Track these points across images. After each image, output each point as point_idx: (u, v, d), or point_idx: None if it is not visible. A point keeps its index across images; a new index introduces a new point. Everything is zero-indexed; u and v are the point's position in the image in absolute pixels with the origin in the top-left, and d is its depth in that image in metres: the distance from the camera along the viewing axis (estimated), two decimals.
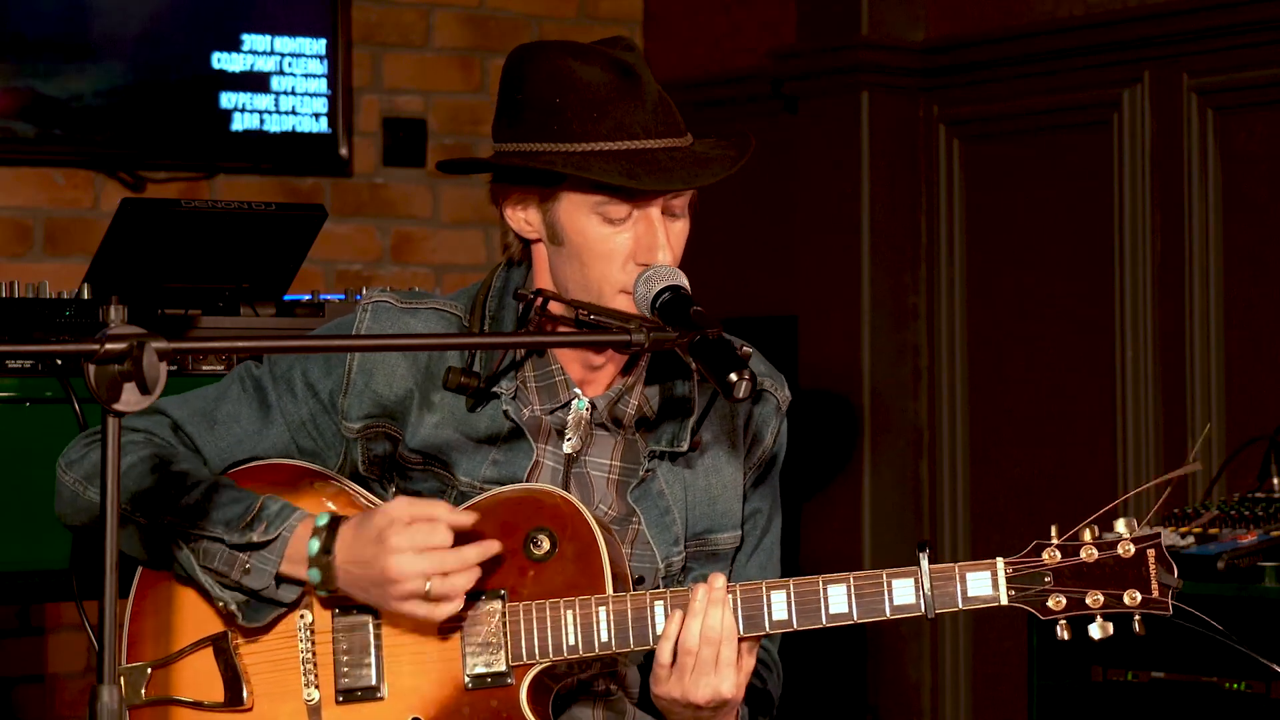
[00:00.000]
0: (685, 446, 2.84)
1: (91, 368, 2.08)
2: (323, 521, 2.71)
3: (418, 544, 2.65)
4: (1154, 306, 4.94)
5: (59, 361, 3.29)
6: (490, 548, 2.68)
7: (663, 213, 2.74)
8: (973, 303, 5.34)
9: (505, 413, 2.79)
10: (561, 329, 2.78)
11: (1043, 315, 5.18)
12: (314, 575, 2.70)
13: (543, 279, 2.81)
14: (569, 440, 2.82)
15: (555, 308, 2.77)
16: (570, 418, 2.81)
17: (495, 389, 2.79)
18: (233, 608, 2.74)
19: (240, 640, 2.79)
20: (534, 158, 2.72)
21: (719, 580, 2.66)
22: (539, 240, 2.80)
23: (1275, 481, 4.06)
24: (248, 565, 2.71)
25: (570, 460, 2.82)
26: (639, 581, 2.83)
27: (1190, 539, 3.78)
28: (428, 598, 2.65)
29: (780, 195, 5.58)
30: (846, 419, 5.37)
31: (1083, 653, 3.87)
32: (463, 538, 2.67)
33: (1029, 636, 3.94)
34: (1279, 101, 4.76)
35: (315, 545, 2.70)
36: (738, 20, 5.84)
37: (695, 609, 2.64)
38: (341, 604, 2.77)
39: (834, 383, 5.40)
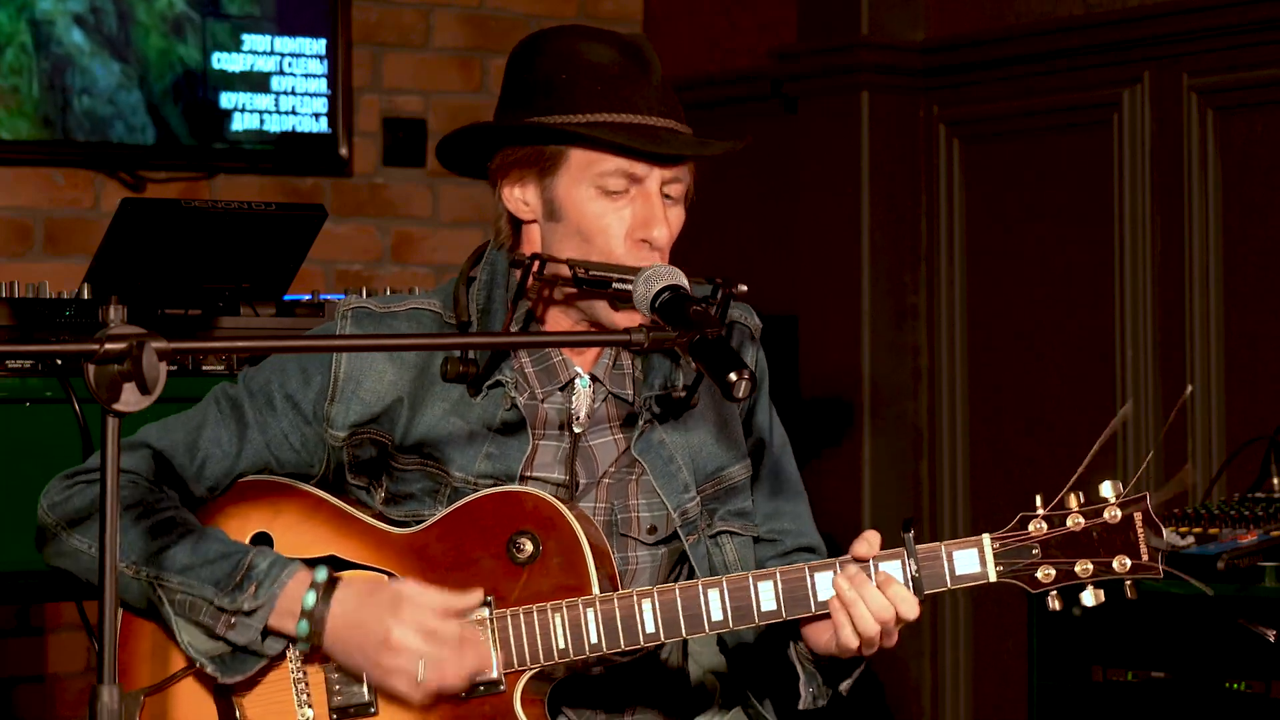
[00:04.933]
0: (683, 392, 2.84)
1: (91, 368, 2.08)
2: (321, 577, 2.69)
3: (426, 626, 2.66)
4: (1154, 306, 4.94)
5: (59, 361, 3.29)
6: (484, 654, 2.67)
7: (661, 194, 2.75)
8: (973, 303, 5.34)
9: (512, 399, 2.78)
10: (560, 290, 2.78)
11: (1043, 315, 5.18)
12: (302, 628, 2.68)
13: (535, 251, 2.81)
14: (577, 421, 2.81)
15: (551, 270, 2.77)
16: (575, 400, 2.81)
17: (499, 377, 2.79)
18: (210, 669, 2.72)
19: None
20: (537, 129, 2.73)
21: (842, 584, 2.67)
22: (533, 221, 2.80)
23: (1275, 481, 4.06)
24: (233, 620, 2.69)
25: (575, 438, 2.82)
26: (651, 530, 2.83)
27: (1190, 539, 3.78)
28: (415, 679, 2.65)
29: (780, 195, 5.58)
30: (846, 419, 5.37)
31: (1083, 653, 3.88)
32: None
33: (1029, 636, 3.94)
34: (1279, 101, 4.76)
35: (311, 598, 2.68)
36: (738, 20, 5.84)
37: (873, 592, 2.66)
38: None
39: (834, 383, 5.40)
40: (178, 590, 2.71)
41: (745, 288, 2.73)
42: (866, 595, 2.65)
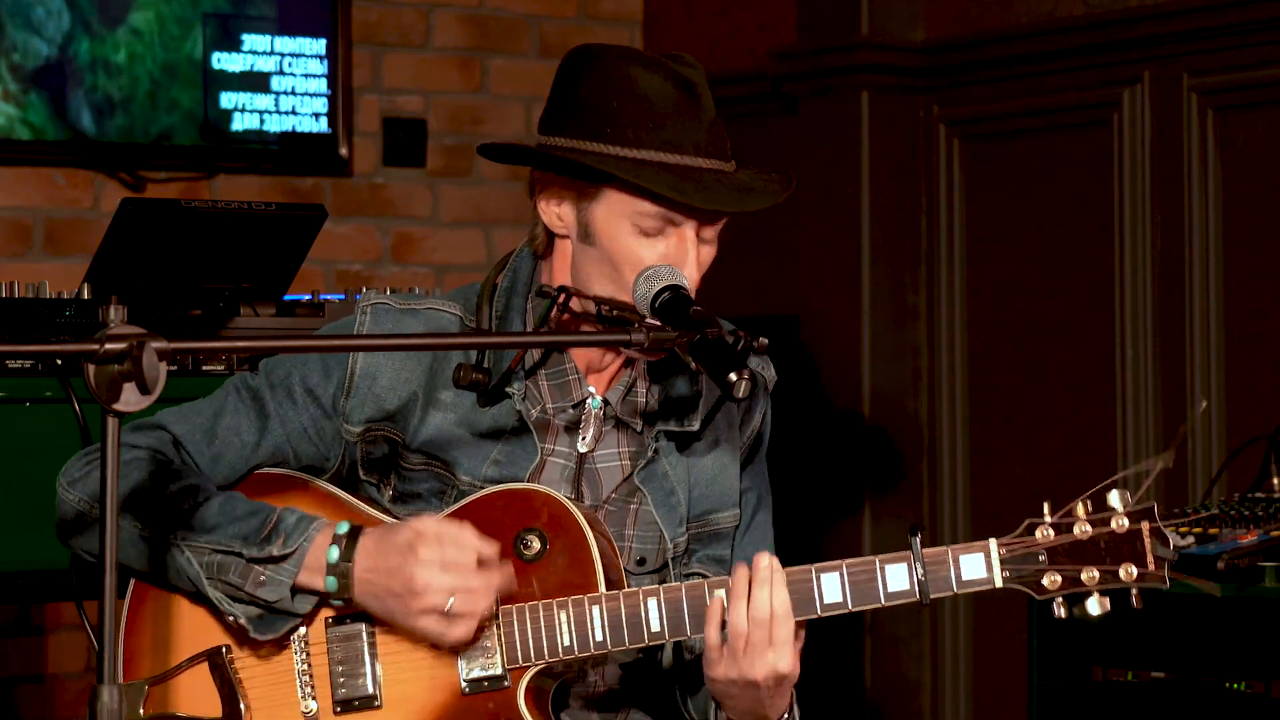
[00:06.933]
0: (696, 426, 2.84)
1: (91, 368, 2.08)
2: (343, 530, 2.70)
3: (446, 559, 2.65)
4: (1154, 306, 4.94)
5: (59, 361, 3.29)
6: (509, 574, 2.68)
7: (697, 235, 2.74)
8: (973, 303, 5.34)
9: (519, 413, 2.79)
10: (584, 326, 2.78)
11: (1043, 315, 5.18)
12: (330, 583, 2.69)
13: (563, 274, 2.81)
14: (584, 440, 2.82)
15: (576, 304, 2.77)
16: (584, 418, 2.82)
17: (508, 389, 2.79)
18: (243, 621, 2.72)
19: (236, 654, 2.78)
20: (583, 155, 2.72)
21: (763, 560, 2.64)
22: (566, 236, 2.80)
23: (1275, 481, 4.06)
24: (262, 578, 2.69)
25: (582, 457, 2.82)
26: (640, 562, 2.83)
27: (1190, 539, 3.78)
28: (446, 615, 2.65)
29: None
30: (846, 419, 5.37)
31: (1083, 653, 3.88)
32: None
33: (1029, 637, 3.94)
34: (1279, 101, 4.76)
35: (335, 553, 2.69)
36: (737, 21, 5.84)
37: (739, 590, 2.63)
38: (335, 614, 2.76)
39: (834, 383, 5.40)
40: (207, 550, 2.72)
41: (766, 340, 2.72)
42: (756, 594, 2.62)
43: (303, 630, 2.76)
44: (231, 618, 2.73)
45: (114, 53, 5.24)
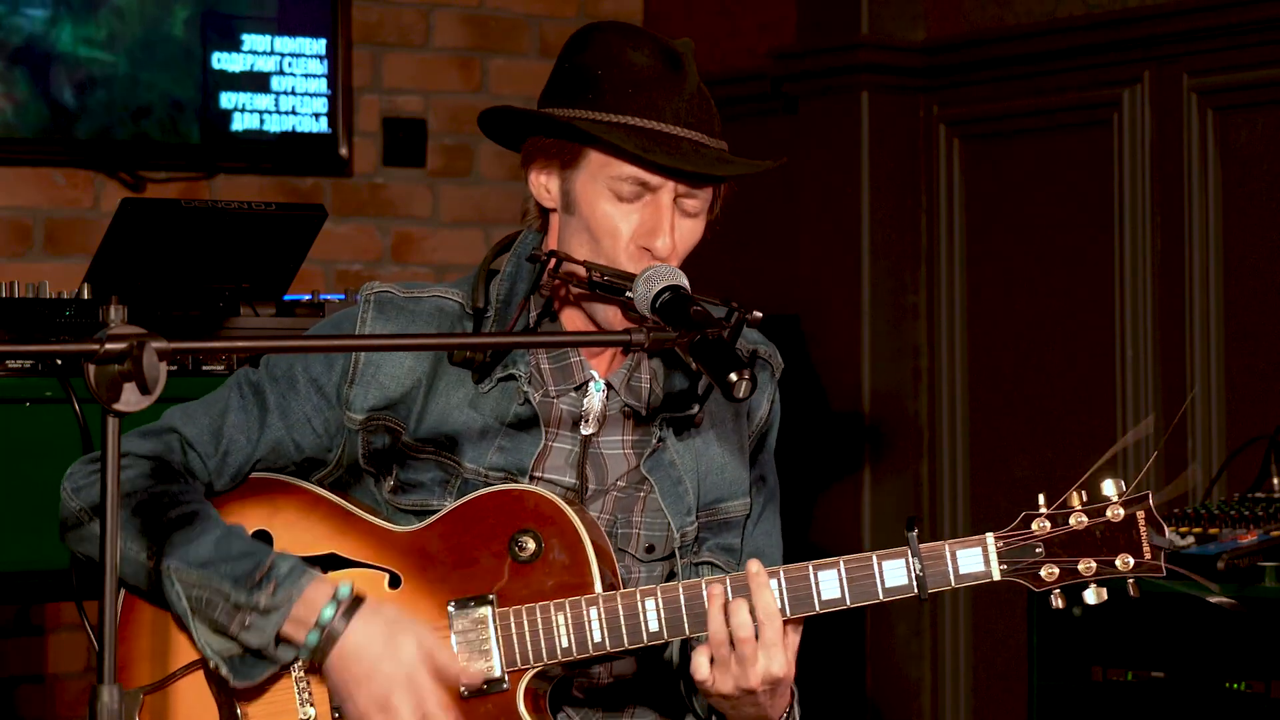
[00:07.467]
0: (695, 409, 2.84)
1: (91, 368, 2.08)
2: (344, 593, 2.68)
3: (428, 709, 2.65)
4: (1154, 306, 4.94)
5: (59, 361, 3.29)
6: None
7: (676, 206, 2.74)
8: (973, 303, 5.34)
9: (525, 394, 2.79)
10: (575, 291, 2.79)
11: (1043, 315, 5.18)
12: (312, 638, 2.67)
13: (552, 248, 2.82)
14: (586, 423, 2.82)
15: (567, 268, 2.77)
16: (587, 401, 2.81)
17: (513, 371, 2.79)
18: (224, 671, 2.71)
19: None
20: (559, 122, 2.75)
21: (716, 586, 2.65)
22: (555, 210, 2.81)
23: (1275, 481, 4.06)
24: (248, 621, 2.68)
25: (585, 442, 2.82)
26: (649, 549, 2.83)
27: (1190, 539, 3.78)
28: None
29: (781, 195, 5.58)
30: (846, 419, 5.37)
31: (1082, 652, 3.88)
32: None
33: (1029, 636, 3.94)
34: (1279, 101, 4.76)
35: (330, 612, 2.66)
36: (737, 21, 5.84)
37: (714, 613, 2.63)
38: None
39: (834, 382, 5.40)
40: (196, 585, 2.71)
41: (760, 314, 2.73)
42: (731, 608, 2.62)
43: None
44: (212, 663, 2.72)
45: (96, 32, 5.24)
